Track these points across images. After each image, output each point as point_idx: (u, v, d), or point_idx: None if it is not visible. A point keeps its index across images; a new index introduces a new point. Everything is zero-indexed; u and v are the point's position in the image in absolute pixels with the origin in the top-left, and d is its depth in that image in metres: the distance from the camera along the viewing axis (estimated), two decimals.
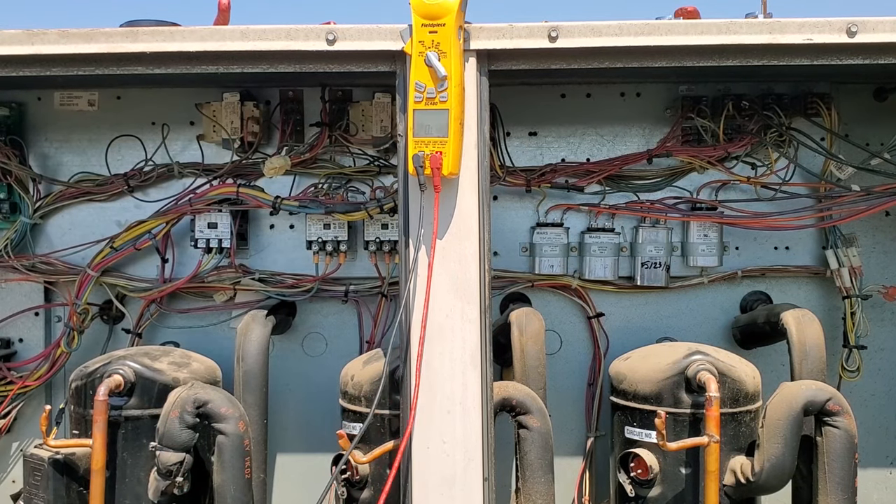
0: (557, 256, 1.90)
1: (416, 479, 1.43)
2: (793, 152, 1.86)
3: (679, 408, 1.56)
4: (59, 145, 1.99)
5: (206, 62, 1.47)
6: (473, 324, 1.43)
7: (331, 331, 1.98)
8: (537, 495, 1.58)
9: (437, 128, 1.36)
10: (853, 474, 1.54)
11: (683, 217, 1.90)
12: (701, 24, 1.41)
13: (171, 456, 1.45)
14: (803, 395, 1.52)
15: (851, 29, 1.38)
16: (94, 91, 1.96)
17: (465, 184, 1.43)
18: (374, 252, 1.91)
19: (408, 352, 1.43)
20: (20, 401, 1.95)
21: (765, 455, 1.50)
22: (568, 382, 1.96)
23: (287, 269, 1.96)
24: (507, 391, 1.58)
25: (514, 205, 1.95)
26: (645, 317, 1.96)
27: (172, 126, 1.95)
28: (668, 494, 1.56)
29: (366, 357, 1.69)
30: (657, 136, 1.93)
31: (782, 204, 1.87)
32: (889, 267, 1.95)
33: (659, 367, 1.59)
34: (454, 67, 1.35)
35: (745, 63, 1.43)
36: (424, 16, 1.35)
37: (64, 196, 1.96)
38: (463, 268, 1.43)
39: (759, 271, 1.94)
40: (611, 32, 1.41)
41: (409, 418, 1.40)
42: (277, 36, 1.44)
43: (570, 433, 1.95)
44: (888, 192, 1.77)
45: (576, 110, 1.95)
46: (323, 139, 1.88)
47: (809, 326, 1.65)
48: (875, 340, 1.93)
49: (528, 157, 1.96)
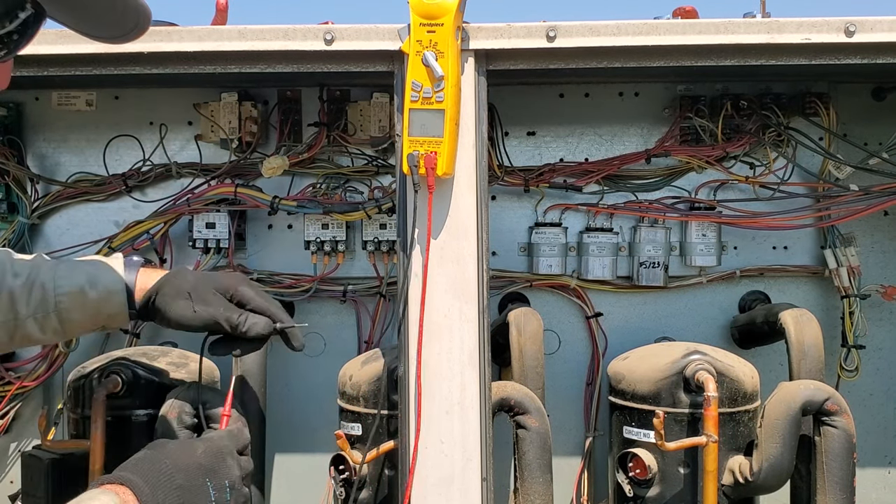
0: (556, 256, 1.90)
1: (414, 478, 1.43)
2: (791, 152, 1.87)
3: (677, 407, 1.56)
4: (56, 145, 1.99)
5: (204, 62, 1.47)
6: (471, 324, 1.43)
7: (329, 331, 1.98)
8: (535, 495, 1.58)
9: (432, 128, 1.36)
10: (852, 474, 1.54)
11: (682, 217, 1.90)
12: (699, 24, 1.41)
13: None
14: (802, 394, 1.52)
15: (850, 28, 1.38)
16: (92, 91, 1.96)
17: (462, 183, 1.43)
18: (373, 252, 1.91)
19: (406, 352, 1.43)
20: (18, 401, 1.94)
21: (763, 455, 1.50)
22: (566, 382, 1.96)
23: (285, 269, 1.95)
24: (505, 391, 1.58)
25: (512, 204, 1.95)
26: (643, 316, 1.96)
27: (170, 126, 1.95)
28: (667, 494, 1.56)
29: (364, 357, 1.68)
30: (655, 136, 1.93)
31: (781, 203, 1.87)
32: (888, 266, 1.95)
33: (657, 366, 1.59)
34: (451, 68, 1.35)
35: (744, 63, 1.43)
36: (423, 15, 1.35)
37: (62, 196, 1.95)
38: (461, 268, 1.43)
39: (757, 271, 1.94)
40: (609, 32, 1.41)
41: (417, 419, 1.40)
42: (275, 36, 1.44)
43: (568, 433, 1.94)
44: (887, 192, 1.77)
45: (574, 110, 1.95)
46: (321, 139, 1.87)
47: (808, 326, 1.65)
48: (873, 340, 1.93)
49: (527, 156, 1.96)
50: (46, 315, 1.23)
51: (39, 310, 1.23)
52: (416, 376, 1.41)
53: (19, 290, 1.22)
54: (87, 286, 1.23)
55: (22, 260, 1.27)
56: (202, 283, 1.23)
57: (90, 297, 1.24)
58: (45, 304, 1.23)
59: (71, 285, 1.23)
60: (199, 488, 0.96)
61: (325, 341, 1.98)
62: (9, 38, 0.82)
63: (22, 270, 1.23)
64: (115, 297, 1.24)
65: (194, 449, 1.01)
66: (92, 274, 1.24)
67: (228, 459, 1.03)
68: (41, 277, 1.22)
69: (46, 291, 1.22)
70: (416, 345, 1.41)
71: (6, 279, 1.21)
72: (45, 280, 1.22)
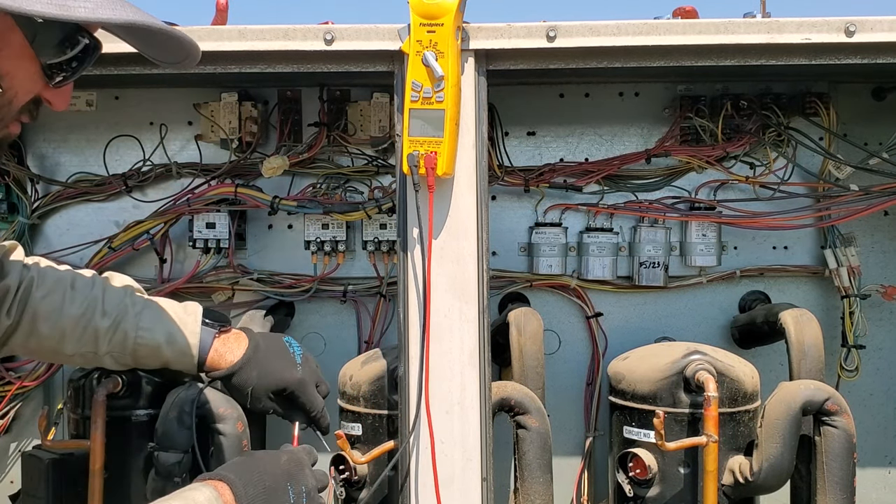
0: (556, 256, 1.90)
1: (413, 479, 1.43)
2: (791, 152, 1.86)
3: (678, 407, 1.55)
4: (56, 145, 1.99)
5: (204, 62, 1.45)
6: (472, 324, 1.43)
7: (329, 331, 1.98)
8: (535, 495, 1.58)
9: (432, 128, 1.36)
10: (852, 474, 1.54)
11: (682, 217, 1.90)
12: (699, 24, 1.41)
13: (169, 456, 1.45)
14: (802, 394, 1.52)
15: (850, 28, 1.38)
16: (92, 91, 1.95)
17: (462, 183, 1.43)
18: (373, 252, 1.91)
19: (406, 352, 1.43)
20: (18, 401, 1.94)
21: (763, 455, 1.50)
22: (566, 382, 1.96)
23: (285, 269, 1.95)
24: (505, 391, 1.58)
25: (512, 204, 1.95)
26: (643, 316, 1.96)
27: (170, 126, 1.95)
28: (667, 494, 1.56)
29: (364, 357, 1.68)
30: (656, 136, 1.93)
31: (781, 203, 1.87)
32: (888, 266, 1.95)
33: (657, 366, 1.59)
34: (451, 68, 1.35)
35: (744, 62, 1.43)
36: (423, 15, 1.35)
37: (62, 196, 1.95)
38: (461, 268, 1.43)
39: (757, 271, 1.94)
40: (609, 32, 1.41)
41: (427, 418, 1.41)
42: (275, 36, 1.43)
43: (568, 433, 1.95)
44: (887, 192, 1.77)
45: (574, 110, 1.95)
46: (321, 139, 1.87)
47: (808, 326, 1.65)
48: (873, 340, 1.93)
49: (527, 156, 1.96)
50: (123, 355, 1.34)
51: (117, 349, 1.34)
52: (416, 376, 1.41)
53: (104, 330, 1.32)
54: (165, 344, 1.34)
55: (113, 294, 1.36)
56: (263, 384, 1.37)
57: (164, 353, 1.34)
58: (124, 347, 1.33)
59: (150, 339, 1.34)
60: (281, 490, 1.10)
61: (325, 341, 1.98)
62: (68, 64, 0.93)
63: (111, 310, 1.33)
64: (187, 359, 1.35)
65: (279, 458, 1.16)
66: (171, 333, 1.34)
67: (306, 469, 1.16)
68: (125, 325, 1.33)
69: (127, 338, 1.33)
70: (416, 345, 1.41)
71: (95, 317, 1.32)
72: (128, 328, 1.33)
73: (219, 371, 1.36)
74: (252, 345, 1.38)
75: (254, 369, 1.36)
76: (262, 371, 1.37)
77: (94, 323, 1.31)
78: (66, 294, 1.31)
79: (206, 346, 1.36)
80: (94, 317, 1.32)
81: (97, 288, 1.34)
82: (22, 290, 1.28)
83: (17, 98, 0.92)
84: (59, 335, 1.30)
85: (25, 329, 1.29)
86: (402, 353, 1.44)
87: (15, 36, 0.88)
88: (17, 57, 0.89)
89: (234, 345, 1.38)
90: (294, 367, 1.40)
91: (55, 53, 0.92)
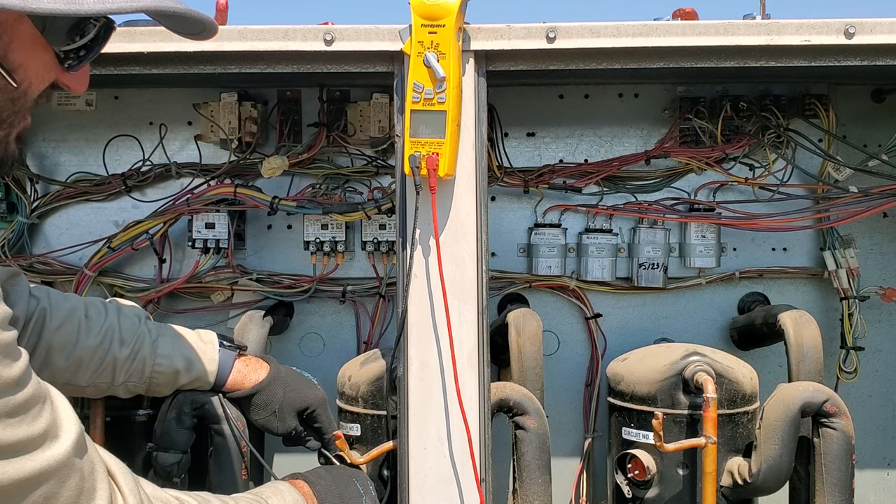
0: (555, 257, 1.90)
1: (412, 479, 1.43)
2: (791, 153, 1.87)
3: (676, 409, 1.55)
4: (56, 145, 1.99)
5: (204, 62, 1.47)
6: (471, 325, 1.43)
7: (328, 331, 1.98)
8: (534, 496, 1.57)
9: (434, 129, 1.36)
10: (850, 475, 1.54)
11: (681, 218, 1.90)
12: (699, 26, 1.41)
13: (168, 456, 1.45)
14: (800, 396, 1.52)
15: (849, 30, 1.38)
16: (92, 91, 1.95)
17: (462, 185, 1.42)
18: (372, 252, 1.91)
19: (406, 352, 1.43)
20: None
21: (762, 456, 1.50)
22: (565, 383, 1.96)
23: (284, 269, 1.96)
24: (504, 392, 1.58)
25: (511, 205, 1.95)
26: (643, 318, 1.96)
27: (170, 126, 1.95)
28: (666, 495, 1.56)
29: (363, 357, 1.68)
30: (655, 137, 1.93)
31: (780, 205, 1.87)
32: (887, 268, 1.95)
33: (656, 368, 1.59)
34: (453, 69, 1.35)
35: (743, 64, 1.43)
36: (424, 16, 1.35)
37: (61, 196, 1.95)
38: (460, 269, 1.43)
39: (756, 272, 1.94)
40: (609, 33, 1.41)
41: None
42: (275, 36, 1.43)
43: (567, 434, 1.95)
44: (886, 194, 1.77)
45: (574, 111, 1.95)
46: (321, 139, 1.87)
47: (807, 328, 1.65)
48: (872, 342, 1.93)
49: (526, 157, 1.96)
50: (138, 384, 1.35)
51: (133, 378, 1.34)
52: (415, 377, 1.41)
53: (122, 360, 1.32)
54: (183, 371, 1.36)
55: (127, 322, 1.35)
56: (289, 401, 1.43)
57: (181, 379, 1.37)
58: (141, 375, 1.34)
59: (168, 367, 1.35)
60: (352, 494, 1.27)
61: (324, 342, 1.98)
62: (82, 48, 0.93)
63: (128, 339, 1.33)
64: (203, 384, 1.38)
65: (346, 470, 1.33)
66: (189, 360, 1.36)
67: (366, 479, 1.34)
68: (142, 352, 1.33)
69: (145, 366, 1.33)
70: (415, 345, 1.41)
71: (113, 346, 1.31)
72: (145, 355, 1.33)
73: (241, 391, 1.40)
74: (274, 366, 1.43)
75: (279, 387, 1.41)
76: (287, 389, 1.41)
77: (112, 353, 1.30)
78: (80, 324, 1.29)
79: (227, 368, 1.40)
80: (111, 346, 1.30)
81: (111, 316, 1.33)
82: (34, 322, 1.25)
83: (31, 88, 0.91)
84: (74, 366, 1.29)
85: (38, 362, 1.24)
86: (401, 353, 1.44)
87: (25, 27, 0.87)
88: (29, 48, 0.88)
89: (257, 365, 1.43)
90: (314, 386, 1.47)
91: (67, 40, 0.91)
